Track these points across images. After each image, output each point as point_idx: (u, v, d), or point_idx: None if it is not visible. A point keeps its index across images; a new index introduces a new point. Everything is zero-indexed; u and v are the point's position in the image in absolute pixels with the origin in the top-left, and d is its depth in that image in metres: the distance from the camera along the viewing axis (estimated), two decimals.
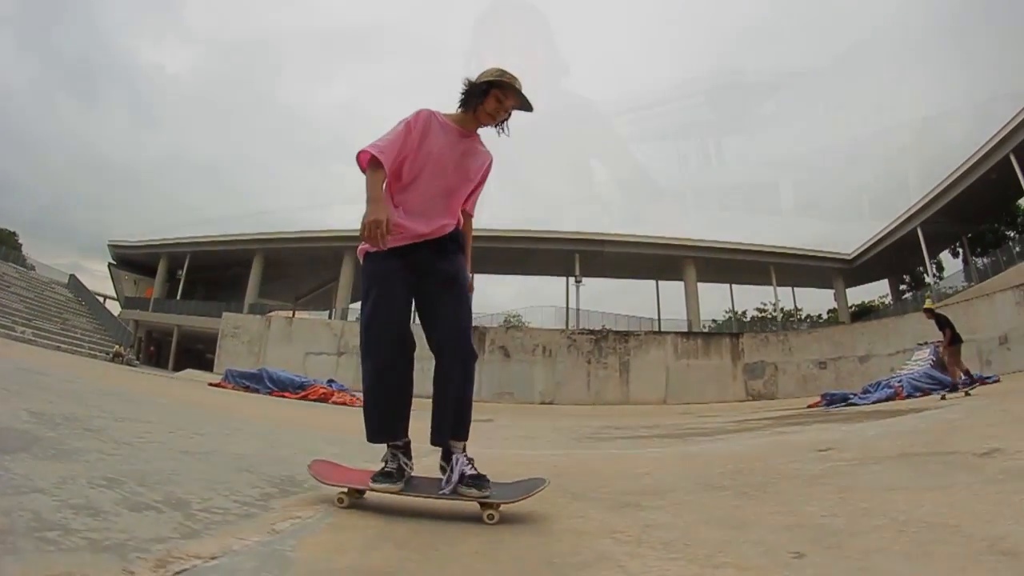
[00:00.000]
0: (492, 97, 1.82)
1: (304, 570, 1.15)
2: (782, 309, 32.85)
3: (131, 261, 33.08)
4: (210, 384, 12.46)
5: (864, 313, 30.85)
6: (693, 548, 1.33)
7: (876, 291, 34.17)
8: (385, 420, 1.76)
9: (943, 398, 8.41)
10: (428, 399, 1.78)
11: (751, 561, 1.22)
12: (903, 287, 32.13)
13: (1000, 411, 4.42)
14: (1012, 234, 27.13)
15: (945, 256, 31.59)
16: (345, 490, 1.71)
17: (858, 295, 35.49)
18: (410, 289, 1.81)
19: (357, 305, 30.74)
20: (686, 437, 5.41)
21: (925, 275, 27.10)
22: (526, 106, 1.88)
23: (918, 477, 2.02)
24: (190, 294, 31.91)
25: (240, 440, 3.32)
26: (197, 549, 1.17)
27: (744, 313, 35.31)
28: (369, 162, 1.73)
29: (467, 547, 1.39)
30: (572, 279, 24.11)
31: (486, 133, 1.95)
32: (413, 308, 1.87)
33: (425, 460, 2.14)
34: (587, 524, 1.61)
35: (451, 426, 1.72)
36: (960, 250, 29.19)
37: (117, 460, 1.96)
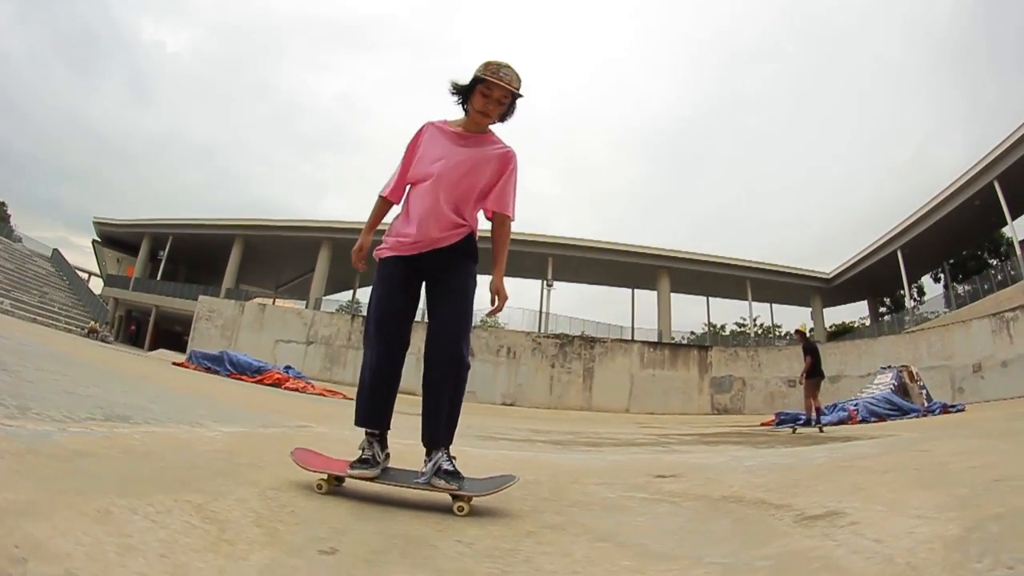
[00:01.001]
0: (478, 94, 1.77)
1: (48, 443, 1.67)
2: (761, 325, 32.01)
3: (115, 239, 32.31)
4: (174, 363, 12.43)
5: (843, 333, 29.93)
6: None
7: (858, 312, 33.30)
8: (370, 409, 1.80)
9: (794, 431, 7.87)
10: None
11: None
12: (883, 309, 31.20)
13: (918, 452, 3.54)
14: (994, 262, 26.20)
15: (927, 281, 30.74)
16: (325, 477, 1.73)
17: (840, 315, 34.60)
18: (413, 294, 1.85)
19: (332, 297, 29.95)
20: (576, 446, 4.95)
21: (905, 298, 26.15)
22: (514, 93, 1.79)
23: (673, 541, 1.50)
24: (172, 275, 31.15)
25: (127, 394, 3.52)
26: (7, 422, 1.77)
27: (724, 327, 34.42)
28: (377, 199, 1.96)
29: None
30: (544, 282, 23.16)
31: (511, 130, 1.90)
32: (413, 310, 1.88)
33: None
34: (225, 506, 1.48)
35: (443, 434, 1.75)
36: (941, 275, 28.28)
37: (8, 385, 2.48)
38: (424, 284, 1.86)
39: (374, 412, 1.80)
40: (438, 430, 1.74)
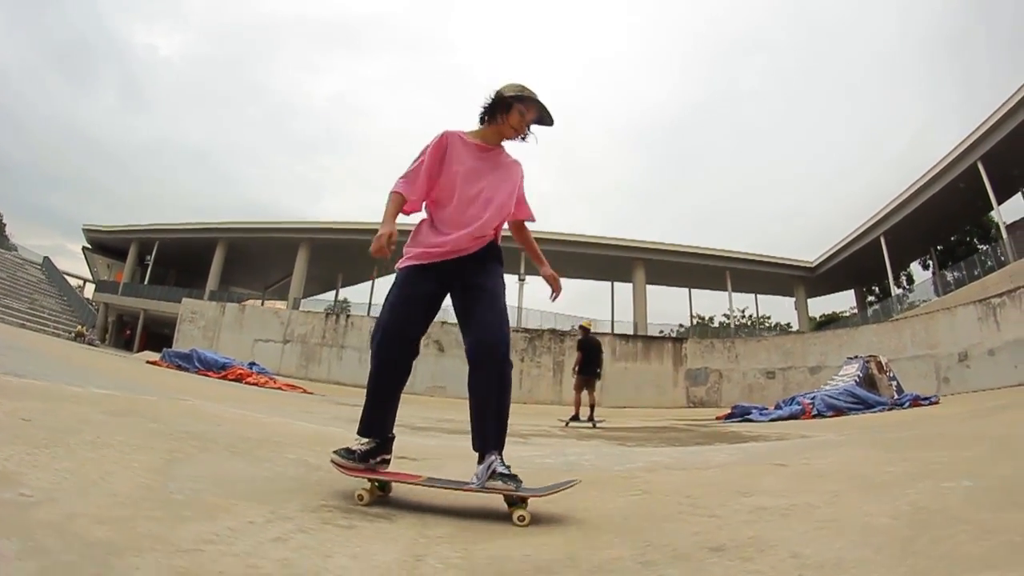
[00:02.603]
0: (515, 111, 1.80)
1: None
2: (750, 316, 30.93)
3: (104, 245, 32.00)
4: (148, 362, 12.69)
5: (830, 323, 28.73)
6: None
7: (848, 301, 31.99)
8: (372, 421, 1.75)
9: (566, 425, 7.45)
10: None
11: None
12: (871, 298, 29.92)
13: (773, 466, 2.68)
14: (984, 247, 24.87)
15: (916, 268, 29.42)
16: (368, 486, 1.62)
17: (830, 305, 33.31)
18: (432, 304, 1.79)
19: (321, 297, 29.37)
20: (435, 432, 4.68)
21: (890, 286, 24.91)
22: (546, 120, 1.87)
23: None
24: (162, 279, 30.76)
25: (47, 368, 3.92)
26: None
27: (712, 319, 33.35)
28: (392, 195, 1.86)
29: None
30: (516, 277, 22.32)
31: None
32: (428, 320, 1.81)
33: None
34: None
35: (493, 436, 1.65)
36: (930, 262, 26.99)
37: None
38: (451, 292, 1.80)
39: (375, 424, 1.74)
40: (488, 433, 1.64)
